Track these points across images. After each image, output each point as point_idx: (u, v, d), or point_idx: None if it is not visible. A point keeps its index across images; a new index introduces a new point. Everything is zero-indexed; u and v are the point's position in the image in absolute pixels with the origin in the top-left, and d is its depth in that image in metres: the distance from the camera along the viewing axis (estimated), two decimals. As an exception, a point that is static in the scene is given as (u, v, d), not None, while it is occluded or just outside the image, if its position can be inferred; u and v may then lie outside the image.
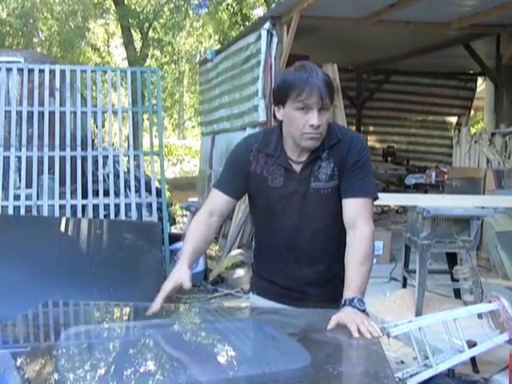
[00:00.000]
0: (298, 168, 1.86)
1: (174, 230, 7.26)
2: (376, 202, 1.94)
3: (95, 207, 5.13)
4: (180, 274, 1.78)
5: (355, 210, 1.83)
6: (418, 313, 4.00)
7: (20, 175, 5.08)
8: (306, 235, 1.89)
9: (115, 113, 5.60)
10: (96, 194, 5.19)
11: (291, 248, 1.91)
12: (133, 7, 14.89)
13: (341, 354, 1.61)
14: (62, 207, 5.07)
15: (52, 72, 5.40)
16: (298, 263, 1.92)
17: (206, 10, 15.07)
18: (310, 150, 1.84)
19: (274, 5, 8.93)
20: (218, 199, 1.93)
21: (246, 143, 1.94)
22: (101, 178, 5.25)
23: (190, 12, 15.38)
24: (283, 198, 1.87)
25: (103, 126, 5.71)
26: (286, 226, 1.90)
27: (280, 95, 1.81)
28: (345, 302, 1.70)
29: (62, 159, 5.19)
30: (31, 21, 14.19)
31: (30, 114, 5.25)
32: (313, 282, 1.92)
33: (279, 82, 1.83)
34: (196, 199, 9.11)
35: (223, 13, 15.40)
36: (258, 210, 1.97)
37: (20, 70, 5.36)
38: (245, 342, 1.71)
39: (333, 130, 1.89)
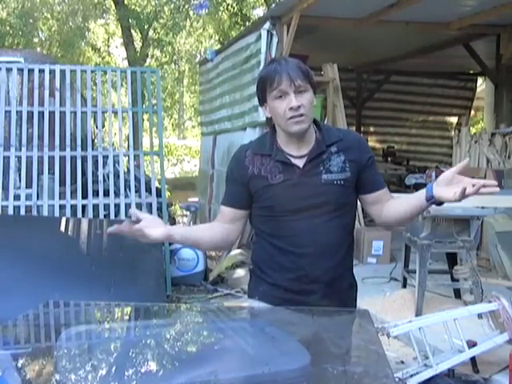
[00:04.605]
0: (300, 162, 1.87)
1: (174, 230, 7.25)
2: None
3: (95, 207, 5.13)
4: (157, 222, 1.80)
5: (386, 197, 1.97)
6: (418, 313, 4.00)
7: (20, 175, 5.08)
8: (313, 229, 1.86)
9: (115, 113, 5.60)
10: (96, 194, 5.18)
11: (298, 244, 1.87)
12: (133, 7, 14.89)
13: (341, 353, 1.60)
14: (62, 207, 5.07)
15: (52, 72, 5.39)
16: (305, 259, 1.87)
17: (206, 10, 15.07)
18: (311, 144, 1.88)
19: (273, 5, 8.94)
20: (224, 214, 1.97)
21: (239, 152, 1.98)
22: (101, 177, 5.24)
23: (191, 12, 15.38)
24: (285, 193, 1.86)
25: (103, 126, 5.71)
26: (291, 221, 1.87)
27: (260, 93, 1.89)
28: (430, 196, 1.78)
29: (62, 159, 5.18)
30: (31, 21, 14.17)
31: (30, 114, 5.25)
32: (319, 280, 1.88)
33: (256, 82, 1.91)
34: (196, 199, 9.10)
35: (223, 13, 15.41)
36: (262, 210, 1.93)
37: (20, 70, 5.35)
38: (245, 342, 1.71)
39: (330, 129, 2.00)
